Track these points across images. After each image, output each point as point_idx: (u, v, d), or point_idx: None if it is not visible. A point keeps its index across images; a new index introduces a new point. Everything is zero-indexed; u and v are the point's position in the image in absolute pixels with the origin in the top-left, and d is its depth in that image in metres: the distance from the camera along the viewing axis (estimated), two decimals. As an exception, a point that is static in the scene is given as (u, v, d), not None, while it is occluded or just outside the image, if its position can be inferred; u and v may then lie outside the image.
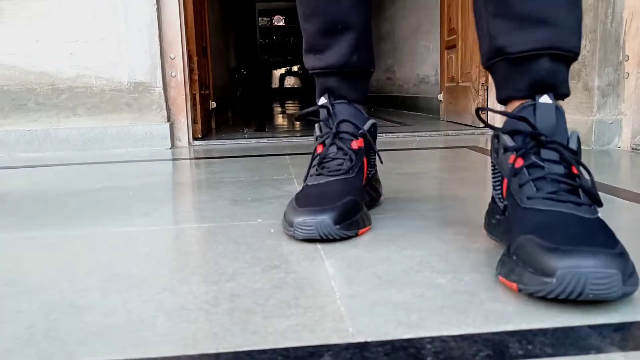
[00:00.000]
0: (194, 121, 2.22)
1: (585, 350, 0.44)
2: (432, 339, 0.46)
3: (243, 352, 0.45)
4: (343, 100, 0.87)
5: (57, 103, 2.01)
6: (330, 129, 0.85)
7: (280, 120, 4.02)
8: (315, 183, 0.82)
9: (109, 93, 2.02)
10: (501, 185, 0.68)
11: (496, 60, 0.69)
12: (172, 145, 2.08)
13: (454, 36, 2.74)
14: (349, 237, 0.75)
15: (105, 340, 0.48)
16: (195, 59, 2.22)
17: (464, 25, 2.61)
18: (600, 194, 1.03)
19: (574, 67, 1.74)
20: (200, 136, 2.26)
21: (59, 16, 1.97)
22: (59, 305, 0.56)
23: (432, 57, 3.66)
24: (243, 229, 0.83)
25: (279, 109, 5.66)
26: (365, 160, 0.87)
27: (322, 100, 0.88)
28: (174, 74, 2.08)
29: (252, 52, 8.03)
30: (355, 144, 0.85)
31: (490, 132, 2.26)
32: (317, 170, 0.83)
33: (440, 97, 3.02)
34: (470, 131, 2.32)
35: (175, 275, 0.64)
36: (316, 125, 0.89)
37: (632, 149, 1.65)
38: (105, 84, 2.02)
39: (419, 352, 0.44)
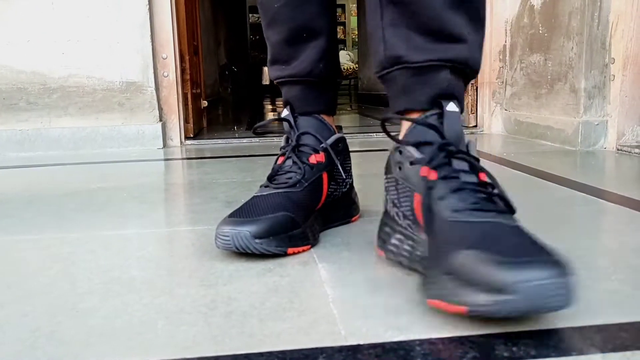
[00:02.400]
0: (186, 120, 2.23)
1: (567, 352, 0.46)
2: (421, 342, 0.48)
3: (241, 354, 0.47)
4: (307, 112, 0.83)
5: (49, 102, 2.01)
6: (291, 141, 0.82)
7: (271, 118, 4.04)
8: (258, 194, 0.78)
9: (101, 92, 2.03)
10: (411, 200, 0.63)
11: (393, 69, 0.65)
12: (164, 145, 2.09)
13: (444, 36, 2.77)
14: (274, 254, 0.71)
15: (109, 344, 0.50)
16: (187, 58, 2.23)
17: (454, 26, 2.63)
18: (586, 195, 1.07)
19: (561, 69, 1.78)
20: (192, 135, 2.27)
21: (50, 16, 1.97)
22: (62, 308, 0.58)
23: (422, 56, 3.68)
24: (238, 232, 0.85)
25: (270, 107, 5.67)
26: (325, 176, 0.82)
27: (285, 112, 0.84)
28: (166, 73, 2.09)
29: (243, 48, 8.02)
30: (314, 159, 0.81)
31: (480, 132, 2.30)
32: (267, 182, 0.80)
33: (430, 96, 3.04)
34: (460, 131, 2.35)
35: (173, 279, 0.66)
36: (284, 137, 0.85)
37: (618, 150, 1.68)
38: (97, 83, 2.02)
39: (408, 354, 0.46)
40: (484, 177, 0.59)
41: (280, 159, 0.83)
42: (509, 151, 1.73)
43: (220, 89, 5.85)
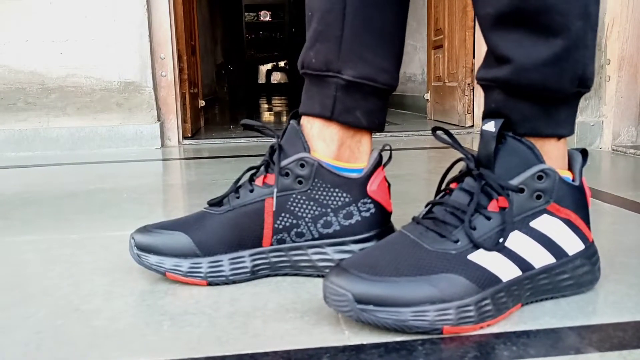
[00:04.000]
0: (184, 120, 2.23)
1: (565, 351, 0.47)
2: (423, 341, 0.49)
3: (246, 354, 0.48)
4: (306, 113, 0.66)
5: (47, 102, 2.01)
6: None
7: (267, 117, 4.04)
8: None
9: (99, 93, 2.03)
10: None
11: None
12: (162, 145, 2.09)
13: (441, 36, 2.78)
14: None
15: (113, 345, 0.50)
16: (184, 58, 2.23)
17: (451, 26, 2.64)
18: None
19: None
20: (189, 135, 2.27)
21: (48, 16, 1.97)
22: (65, 310, 0.58)
23: (419, 56, 3.70)
24: (238, 233, 0.85)
25: (266, 105, 5.67)
26: (268, 203, 0.64)
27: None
28: (164, 73, 2.09)
29: (239, 47, 8.02)
30: (261, 180, 0.65)
31: (477, 132, 2.31)
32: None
33: (427, 96, 3.06)
34: (457, 131, 2.36)
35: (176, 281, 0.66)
36: None
37: (613, 150, 1.69)
38: (95, 83, 2.02)
39: (410, 354, 0.47)
40: (494, 202, 0.55)
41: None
42: (505, 151, 1.74)
43: (217, 88, 5.86)
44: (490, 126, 0.55)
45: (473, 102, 2.48)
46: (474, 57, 2.43)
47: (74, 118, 2.03)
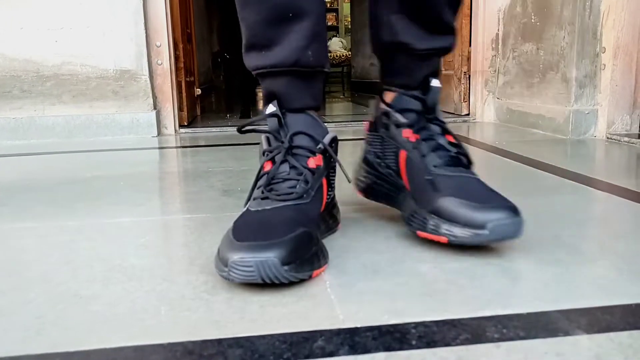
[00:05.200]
0: (180, 109, 2.23)
1: (554, 334, 0.48)
2: (416, 325, 0.50)
3: (243, 338, 0.49)
4: (295, 108, 0.72)
5: (42, 90, 2.01)
6: (282, 142, 0.70)
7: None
8: (260, 209, 0.66)
9: (95, 80, 2.02)
10: (395, 155, 0.78)
11: (397, 52, 0.77)
12: (159, 133, 2.09)
13: (437, 24, 2.77)
14: (298, 281, 0.59)
15: (113, 329, 0.51)
16: (180, 46, 2.23)
17: (447, 14, 2.63)
18: (575, 183, 1.09)
19: (553, 58, 1.79)
20: (186, 123, 2.27)
21: (43, 3, 1.96)
22: (65, 295, 0.59)
23: (415, 44, 3.69)
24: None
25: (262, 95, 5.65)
26: (324, 181, 0.72)
27: (271, 108, 0.72)
28: (159, 61, 2.09)
29: (235, 35, 7.97)
30: (313, 162, 0.70)
31: (472, 120, 2.32)
32: (262, 192, 0.67)
33: (423, 84, 3.06)
34: (452, 119, 2.37)
35: (174, 266, 0.67)
36: (263, 138, 0.73)
37: (607, 138, 1.71)
38: (90, 71, 2.02)
39: (404, 337, 0.48)
40: (451, 139, 0.75)
41: (267, 165, 0.71)
42: (500, 139, 1.75)
43: (213, 76, 5.83)
44: (436, 82, 0.76)
45: (469, 90, 2.48)
46: (470, 46, 2.43)
47: (69, 106, 2.02)
